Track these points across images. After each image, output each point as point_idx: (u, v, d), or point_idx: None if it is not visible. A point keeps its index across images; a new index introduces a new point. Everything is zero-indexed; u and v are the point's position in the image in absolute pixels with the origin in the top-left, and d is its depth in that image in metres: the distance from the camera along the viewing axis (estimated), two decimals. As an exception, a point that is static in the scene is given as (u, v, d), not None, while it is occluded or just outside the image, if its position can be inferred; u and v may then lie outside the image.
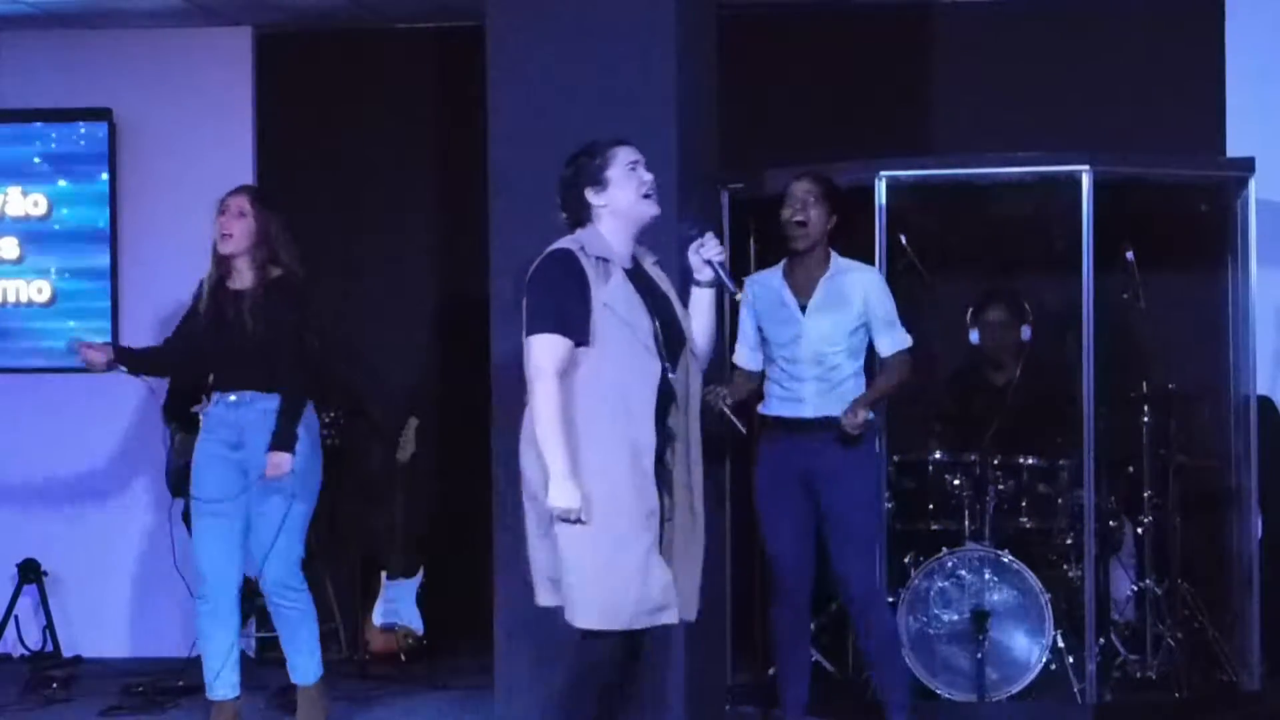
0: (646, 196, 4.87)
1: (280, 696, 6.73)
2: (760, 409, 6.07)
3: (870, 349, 6.02)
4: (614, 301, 4.74)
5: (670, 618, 4.75)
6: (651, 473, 4.71)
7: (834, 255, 6.01)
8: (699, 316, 4.95)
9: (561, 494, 4.61)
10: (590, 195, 4.87)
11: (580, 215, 4.90)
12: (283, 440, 5.94)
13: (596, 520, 4.64)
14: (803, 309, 5.95)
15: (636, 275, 4.88)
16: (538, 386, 4.70)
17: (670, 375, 4.80)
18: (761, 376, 6.10)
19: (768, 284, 6.05)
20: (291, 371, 6.01)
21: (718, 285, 4.92)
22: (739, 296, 5.02)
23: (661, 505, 4.77)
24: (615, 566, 4.65)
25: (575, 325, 4.72)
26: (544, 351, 4.71)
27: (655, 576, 4.69)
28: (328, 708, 6.28)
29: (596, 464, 4.66)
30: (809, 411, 5.91)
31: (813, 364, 5.91)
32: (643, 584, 4.66)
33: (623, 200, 4.86)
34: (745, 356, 6.13)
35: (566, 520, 4.63)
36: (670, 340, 4.83)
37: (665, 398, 4.78)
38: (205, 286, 6.14)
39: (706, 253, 4.86)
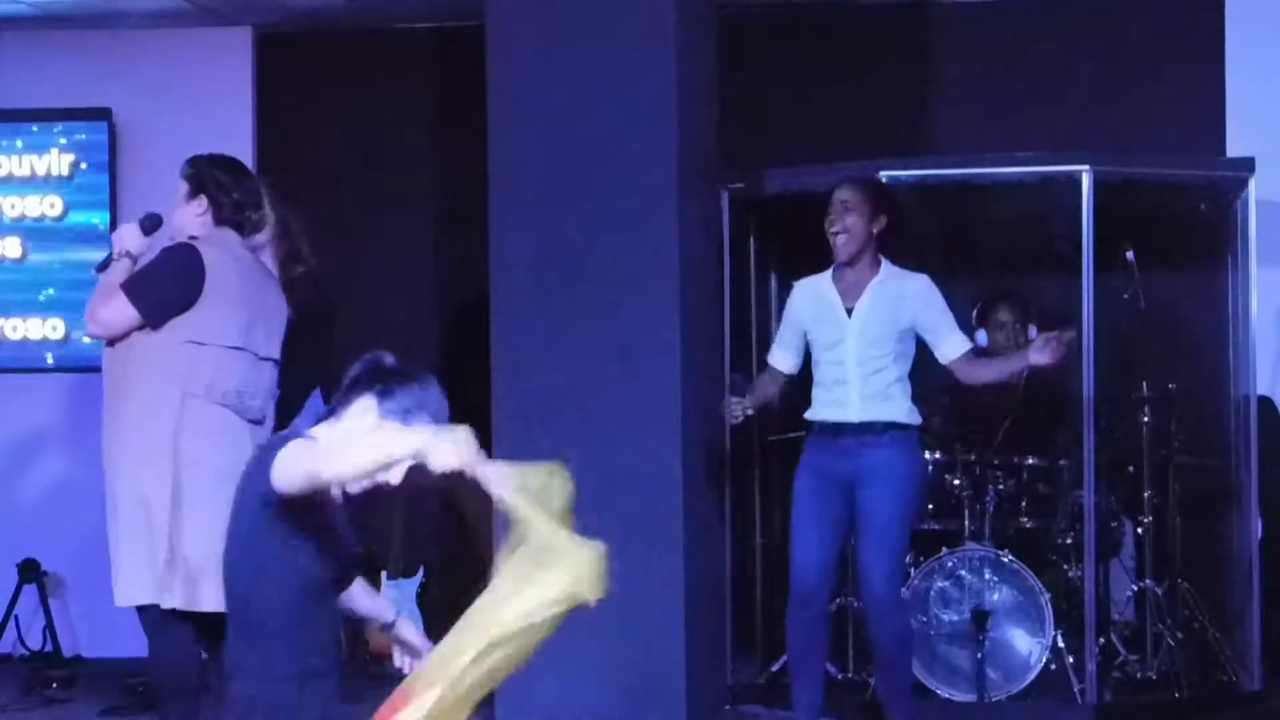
0: None
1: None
2: (806, 414, 6.03)
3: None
4: None
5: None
6: None
7: (885, 261, 5.94)
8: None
9: None
10: None
11: None
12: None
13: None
14: (848, 312, 5.90)
15: None
16: None
17: None
18: (791, 380, 6.12)
19: (815, 287, 6.02)
20: (319, 360, 5.84)
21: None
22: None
23: None
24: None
25: None
26: None
27: None
28: None
29: None
30: (854, 415, 5.86)
31: (857, 366, 5.85)
32: None
33: None
34: (779, 358, 6.11)
35: None
36: None
37: None
38: None
39: None
